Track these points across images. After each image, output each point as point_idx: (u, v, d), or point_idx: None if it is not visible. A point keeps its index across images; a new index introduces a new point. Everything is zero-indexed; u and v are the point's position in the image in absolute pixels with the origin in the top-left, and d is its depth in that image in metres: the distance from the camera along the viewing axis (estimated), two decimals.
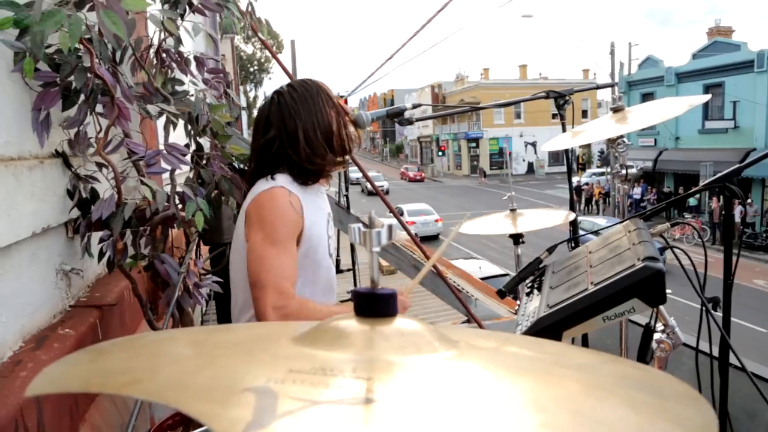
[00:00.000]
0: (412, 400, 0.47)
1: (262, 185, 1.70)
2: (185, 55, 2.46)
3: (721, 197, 1.78)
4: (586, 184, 29.65)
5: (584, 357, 0.65)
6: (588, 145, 39.58)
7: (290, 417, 0.39)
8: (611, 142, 1.99)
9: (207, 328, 0.71)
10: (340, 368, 0.49)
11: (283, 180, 1.69)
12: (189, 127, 2.32)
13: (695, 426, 0.50)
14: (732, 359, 1.77)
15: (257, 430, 0.37)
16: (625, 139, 1.95)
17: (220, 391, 0.44)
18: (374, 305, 0.60)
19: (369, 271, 0.61)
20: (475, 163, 47.23)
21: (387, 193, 35.09)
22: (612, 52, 26.20)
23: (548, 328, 1.47)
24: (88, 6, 1.75)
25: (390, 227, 0.60)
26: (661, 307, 1.69)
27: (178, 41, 2.37)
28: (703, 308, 1.70)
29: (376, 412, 0.42)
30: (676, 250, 1.79)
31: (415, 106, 2.01)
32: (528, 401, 0.49)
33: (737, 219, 19.91)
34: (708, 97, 1.82)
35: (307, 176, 1.72)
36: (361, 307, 0.60)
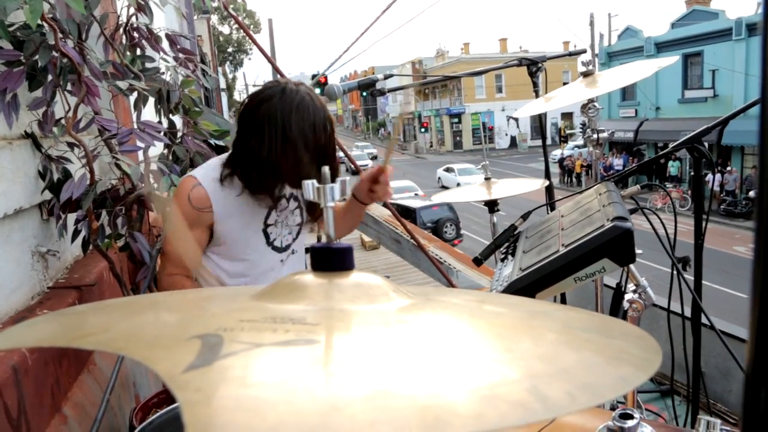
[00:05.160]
0: (363, 342, 0.48)
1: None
2: (156, 32, 2.43)
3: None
4: (570, 156, 29.77)
5: (537, 305, 0.67)
6: (570, 118, 39.73)
7: (232, 357, 0.40)
8: (583, 107, 2.01)
9: (172, 292, 0.72)
10: (291, 317, 0.50)
11: (205, 169, 1.68)
12: (159, 104, 2.30)
13: (638, 360, 0.52)
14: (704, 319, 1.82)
15: (198, 369, 0.38)
16: (596, 104, 1.96)
17: (169, 339, 0.45)
18: (330, 259, 0.61)
19: (324, 226, 0.62)
20: (458, 138, 47.21)
21: None
22: (591, 23, 26.19)
23: (521, 290, 1.50)
24: None
25: (343, 182, 0.61)
26: (632, 267, 1.72)
27: (150, 15, 2.33)
28: (674, 268, 1.74)
29: (323, 351, 0.44)
30: (646, 212, 1.82)
31: (387, 77, 2.01)
32: (476, 338, 0.51)
33: (716, 186, 20.19)
34: (676, 58, 1.83)
35: (246, 184, 1.64)
36: (317, 261, 0.61)
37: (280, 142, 1.53)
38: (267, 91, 1.58)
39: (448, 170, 31.71)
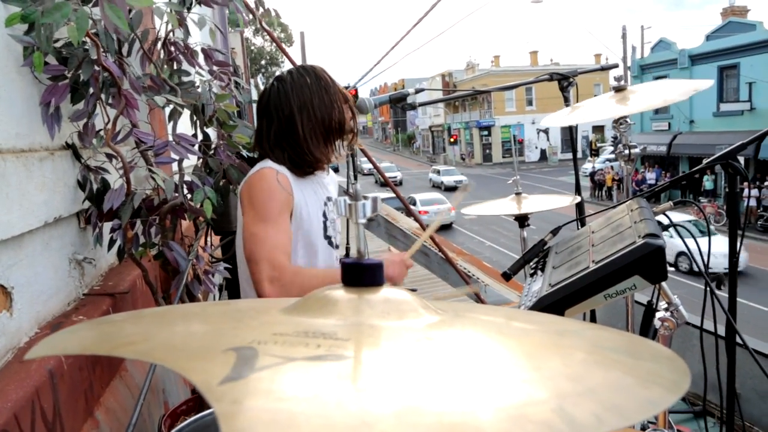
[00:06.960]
0: (392, 358, 0.49)
1: (253, 168, 1.77)
2: (192, 47, 2.49)
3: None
4: (600, 170, 29.37)
5: (566, 324, 0.67)
6: (602, 131, 39.24)
7: (267, 371, 0.41)
8: (615, 121, 1.99)
9: (206, 303, 0.74)
10: (323, 331, 0.51)
11: (268, 162, 1.75)
12: (195, 117, 2.35)
13: (668, 382, 0.52)
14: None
15: (234, 381, 0.39)
16: (628, 119, 1.95)
17: (205, 350, 0.47)
18: (360, 275, 0.62)
19: (355, 242, 0.64)
20: (488, 151, 47.03)
21: (400, 184, 35.03)
22: (624, 36, 25.93)
23: (550, 306, 1.49)
24: (93, 2, 1.78)
25: (374, 200, 0.62)
26: (664, 285, 1.69)
27: (186, 32, 2.40)
28: (707, 286, 1.70)
29: (353, 367, 0.45)
30: (679, 229, 1.79)
31: (418, 91, 2.02)
32: (504, 357, 0.51)
33: (753, 202, 19.65)
34: (711, 82, 1.78)
35: (301, 165, 1.75)
36: (347, 277, 0.63)
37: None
38: (269, 87, 1.81)
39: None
